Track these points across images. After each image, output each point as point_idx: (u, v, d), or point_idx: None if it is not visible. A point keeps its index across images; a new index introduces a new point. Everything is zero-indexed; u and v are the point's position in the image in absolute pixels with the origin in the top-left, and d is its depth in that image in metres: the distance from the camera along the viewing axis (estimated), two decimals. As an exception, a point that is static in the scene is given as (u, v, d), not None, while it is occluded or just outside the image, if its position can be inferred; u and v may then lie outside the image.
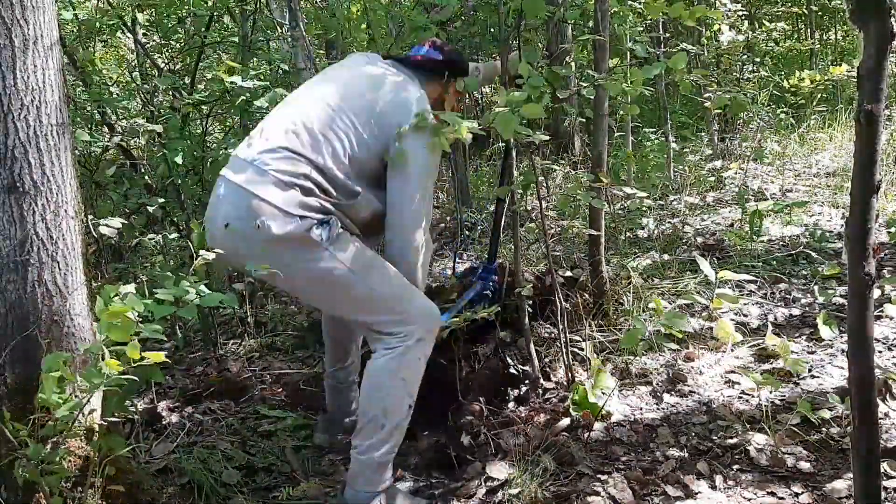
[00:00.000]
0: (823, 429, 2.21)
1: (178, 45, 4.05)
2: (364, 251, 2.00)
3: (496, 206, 2.65)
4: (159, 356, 1.53)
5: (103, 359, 1.52)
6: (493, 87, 2.57)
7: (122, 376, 1.53)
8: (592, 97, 2.75)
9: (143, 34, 4.26)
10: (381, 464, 1.99)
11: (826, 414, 2.26)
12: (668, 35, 5.58)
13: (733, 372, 2.62)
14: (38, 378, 1.58)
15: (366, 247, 2.03)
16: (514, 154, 2.50)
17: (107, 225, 2.50)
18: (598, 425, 2.32)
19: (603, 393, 2.40)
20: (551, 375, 2.62)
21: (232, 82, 2.80)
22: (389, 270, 2.02)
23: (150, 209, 2.94)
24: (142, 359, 1.53)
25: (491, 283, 2.59)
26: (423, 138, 2.00)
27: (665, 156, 5.26)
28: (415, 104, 2.03)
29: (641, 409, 2.46)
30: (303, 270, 1.94)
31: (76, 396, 1.60)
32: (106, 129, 3.34)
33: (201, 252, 1.74)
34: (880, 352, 2.64)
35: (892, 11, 1.17)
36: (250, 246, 1.91)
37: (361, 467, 1.99)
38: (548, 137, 2.09)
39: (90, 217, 2.52)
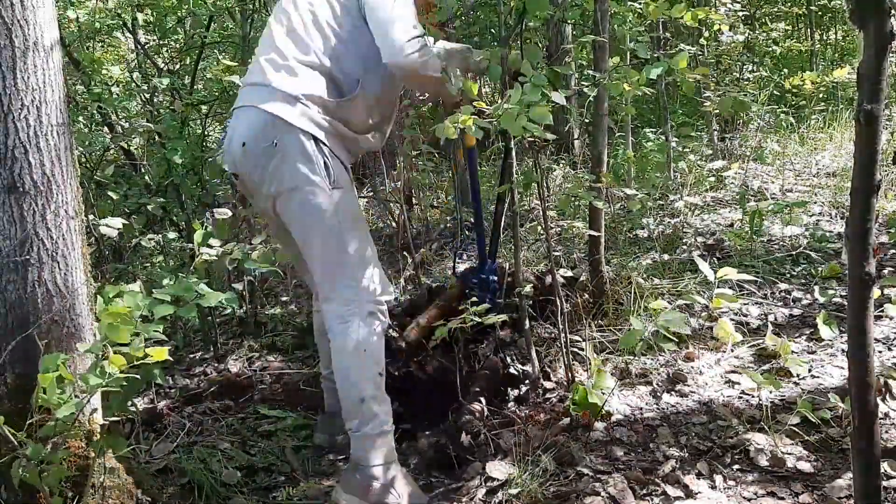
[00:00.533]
0: (823, 429, 2.21)
1: (177, 45, 4.05)
2: (356, 210, 2.14)
3: (496, 205, 2.65)
4: (162, 352, 1.53)
5: (104, 359, 1.52)
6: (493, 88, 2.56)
7: (123, 376, 1.53)
8: (592, 97, 2.75)
9: (143, 34, 4.27)
10: (378, 435, 2.05)
11: (826, 414, 2.26)
12: (668, 35, 5.59)
13: (733, 372, 2.62)
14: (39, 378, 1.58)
15: (359, 209, 2.15)
16: (514, 154, 2.50)
17: (107, 225, 2.50)
18: (598, 425, 2.32)
19: (603, 393, 2.40)
20: (551, 375, 2.62)
21: (231, 82, 2.80)
22: (368, 239, 2.14)
23: (150, 209, 2.94)
24: (144, 357, 1.53)
25: (491, 283, 2.59)
26: None
27: (665, 156, 5.26)
28: None
29: (641, 409, 2.45)
30: (305, 198, 2.04)
31: (76, 396, 1.60)
32: (106, 129, 3.34)
33: (202, 250, 1.75)
34: (880, 352, 2.64)
35: (892, 11, 1.17)
36: (267, 163, 2.04)
37: (359, 444, 2.05)
38: (554, 137, 2.10)
39: (90, 217, 2.52)
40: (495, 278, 2.61)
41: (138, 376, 1.57)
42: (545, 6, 2.29)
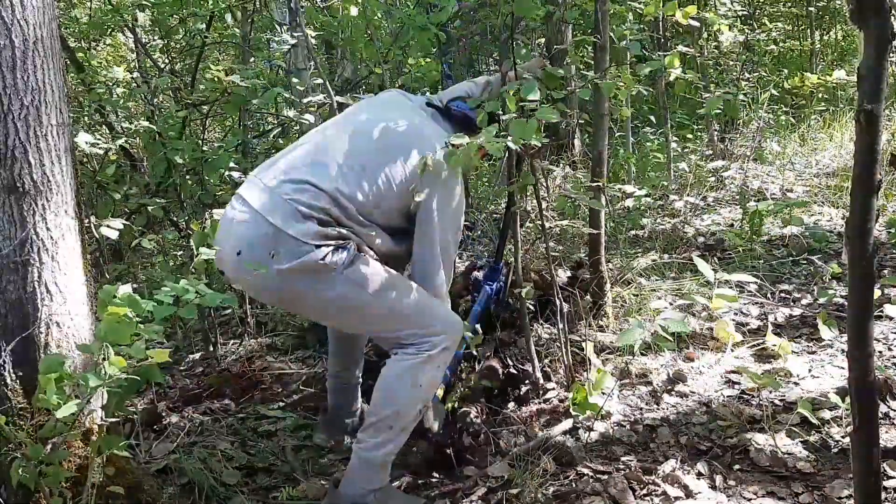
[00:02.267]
0: (823, 429, 2.21)
1: (177, 45, 4.05)
2: (379, 270, 1.96)
3: (507, 206, 2.65)
4: (162, 355, 1.53)
5: (104, 359, 1.52)
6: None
7: (123, 377, 1.53)
8: (592, 98, 2.75)
9: (143, 34, 4.27)
10: (382, 463, 1.99)
11: (826, 414, 2.26)
12: (667, 36, 5.59)
13: (733, 372, 2.62)
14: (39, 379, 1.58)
15: (382, 265, 1.99)
16: (520, 155, 2.49)
17: (108, 226, 2.50)
18: (598, 425, 2.32)
19: (603, 393, 2.40)
20: (551, 375, 2.62)
21: (232, 82, 2.80)
22: (409, 285, 2.00)
23: (150, 209, 2.94)
24: (144, 358, 1.53)
25: (499, 285, 2.59)
26: (443, 186, 1.99)
27: (665, 156, 5.26)
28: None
29: (641, 409, 2.46)
30: (316, 298, 1.93)
31: (76, 397, 1.60)
32: (106, 130, 3.34)
33: (202, 250, 1.74)
34: (880, 352, 2.64)
35: (893, 11, 1.17)
36: (263, 276, 1.88)
37: (362, 463, 1.98)
38: (547, 141, 2.08)
39: (91, 217, 2.52)
40: (502, 279, 2.61)
41: (137, 377, 1.57)
42: (533, 9, 2.29)
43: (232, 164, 2.97)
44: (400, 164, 1.98)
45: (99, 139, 3.02)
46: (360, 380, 2.47)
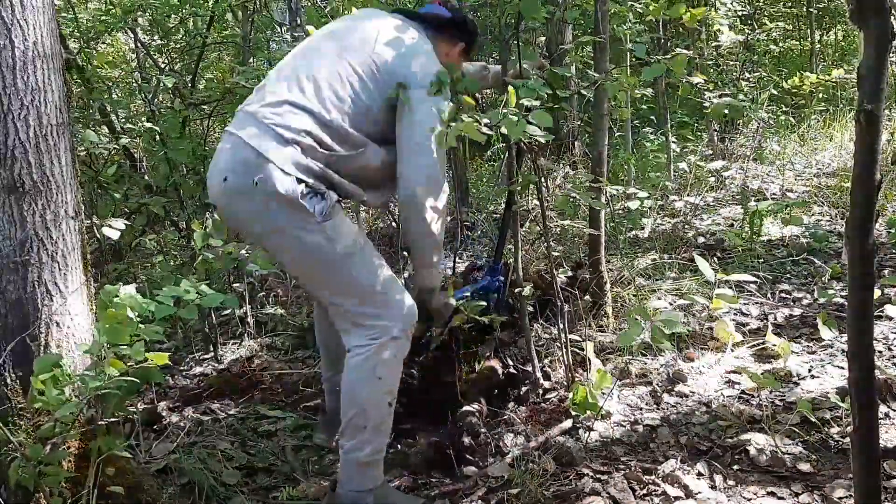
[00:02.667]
0: (823, 429, 2.21)
1: (176, 45, 4.05)
2: (356, 234, 1.98)
3: (507, 205, 2.65)
4: (162, 357, 1.53)
5: (103, 360, 1.52)
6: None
7: (122, 378, 1.53)
8: (592, 98, 2.75)
9: (143, 34, 4.27)
10: (366, 463, 1.97)
11: (826, 414, 2.26)
12: (668, 36, 5.59)
13: (733, 372, 2.62)
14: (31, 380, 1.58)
15: (360, 230, 2.00)
16: (521, 153, 2.49)
17: (110, 226, 2.50)
18: (598, 425, 2.32)
19: (603, 393, 2.40)
20: (551, 375, 2.61)
21: (235, 83, 2.80)
22: (376, 260, 2.00)
23: (153, 209, 2.94)
24: (144, 360, 1.53)
25: (497, 283, 2.59)
26: (429, 89, 1.98)
27: (665, 156, 5.26)
28: (423, 55, 2.02)
29: (641, 409, 2.46)
30: (293, 238, 1.91)
31: (76, 397, 1.60)
32: (106, 129, 3.34)
33: (202, 252, 1.74)
34: (880, 352, 2.64)
35: (893, 11, 1.17)
36: (247, 202, 1.90)
37: (348, 466, 1.98)
38: (552, 137, 2.08)
39: (93, 217, 2.52)
40: (501, 278, 2.61)
41: (136, 379, 1.57)
42: (538, 9, 2.29)
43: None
44: (377, 59, 1.99)
45: (102, 139, 3.03)
46: None
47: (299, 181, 1.86)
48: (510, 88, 2.01)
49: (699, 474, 2.05)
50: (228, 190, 1.91)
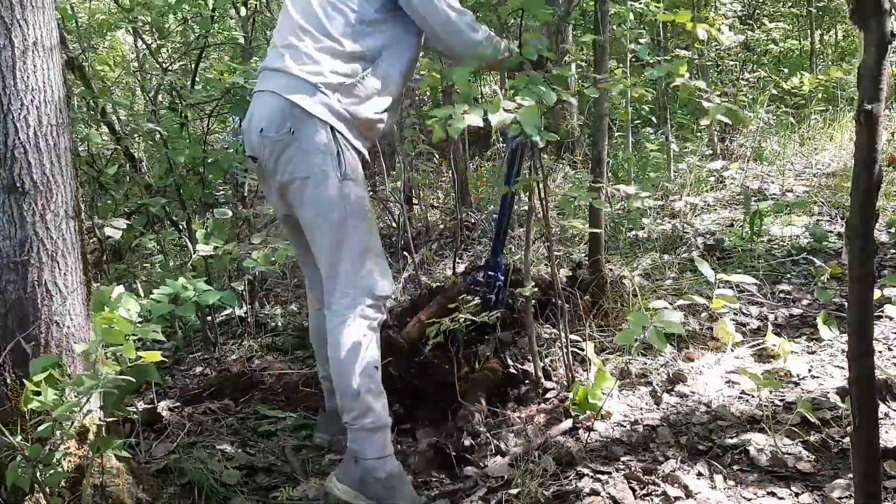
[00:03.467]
0: (823, 429, 2.21)
1: (174, 45, 4.05)
2: (366, 201, 2.13)
3: (507, 202, 2.65)
4: (155, 356, 1.53)
5: (97, 361, 1.52)
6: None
7: (119, 377, 1.53)
8: (592, 99, 2.75)
9: (143, 34, 4.27)
10: (373, 429, 2.05)
11: (826, 414, 2.26)
12: (668, 37, 5.59)
13: (733, 372, 2.62)
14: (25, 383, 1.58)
15: (368, 200, 2.16)
16: (525, 152, 2.49)
17: (111, 226, 2.50)
18: (598, 425, 2.31)
19: (603, 393, 2.40)
20: (551, 375, 2.61)
21: (234, 83, 2.80)
22: (370, 232, 2.14)
23: (153, 210, 2.94)
24: (138, 359, 1.53)
25: (497, 281, 2.59)
26: None
27: (665, 156, 5.26)
28: None
29: (641, 409, 2.45)
30: (315, 187, 2.05)
31: (75, 397, 1.60)
32: (106, 129, 3.34)
33: (199, 247, 1.74)
34: (880, 352, 2.64)
35: (892, 11, 1.17)
36: (283, 149, 2.05)
37: (357, 436, 2.06)
38: (556, 137, 2.08)
39: (94, 218, 2.52)
40: (502, 277, 2.61)
41: (133, 378, 1.57)
42: (542, 7, 2.29)
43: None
44: None
45: (103, 139, 3.03)
46: None
47: (331, 129, 2.03)
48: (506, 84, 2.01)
49: (699, 474, 2.05)
50: (265, 140, 2.06)
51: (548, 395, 2.52)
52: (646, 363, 2.71)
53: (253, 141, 2.12)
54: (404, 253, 3.71)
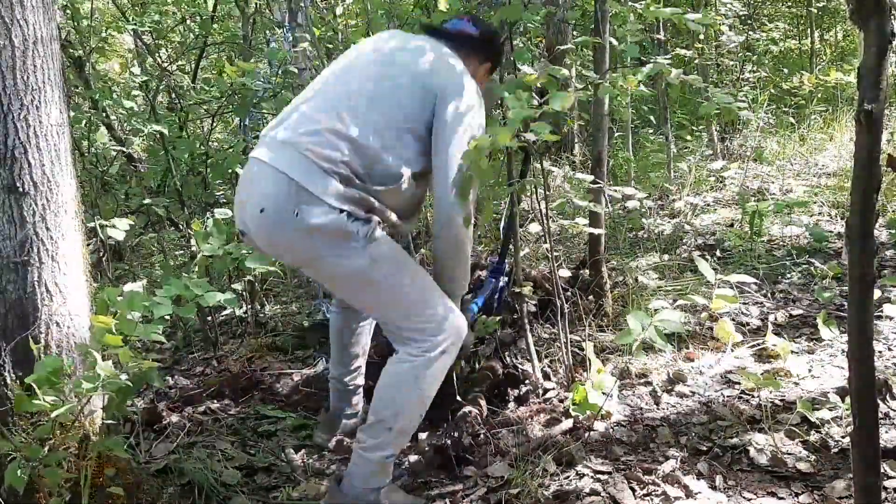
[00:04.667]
0: (823, 429, 2.21)
1: (173, 44, 4.05)
2: (399, 252, 1.98)
3: (512, 206, 2.65)
4: (152, 365, 1.53)
5: (94, 363, 1.52)
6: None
7: (119, 380, 1.53)
8: (592, 99, 2.75)
9: (142, 34, 4.27)
10: (382, 464, 1.98)
11: (826, 414, 2.25)
12: (667, 36, 5.58)
13: (733, 372, 2.62)
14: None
15: (401, 249, 2.00)
16: (529, 157, 2.48)
17: (114, 226, 2.50)
18: (598, 425, 2.31)
19: (603, 393, 2.40)
20: (551, 375, 2.61)
21: (243, 84, 2.80)
22: (423, 275, 2.00)
23: (157, 209, 2.95)
24: (134, 365, 1.53)
25: (501, 285, 2.59)
26: (468, 102, 1.95)
27: (665, 156, 5.26)
28: (459, 72, 1.99)
29: (641, 409, 2.45)
30: (335, 263, 1.89)
31: (74, 398, 1.60)
32: (105, 129, 3.34)
33: (202, 248, 1.75)
34: (880, 352, 2.64)
35: (893, 11, 1.17)
36: (284, 232, 1.87)
37: (363, 463, 1.98)
38: (556, 138, 2.07)
39: (97, 219, 2.52)
40: (505, 279, 2.61)
41: (130, 383, 1.57)
42: (518, 13, 2.29)
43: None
44: (410, 85, 1.95)
45: (104, 139, 3.03)
46: (362, 383, 2.47)
47: (341, 211, 1.85)
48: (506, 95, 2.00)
49: (699, 474, 2.05)
50: (267, 221, 1.87)
51: (548, 395, 2.52)
52: (646, 363, 2.71)
53: (249, 220, 1.94)
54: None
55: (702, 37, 5.52)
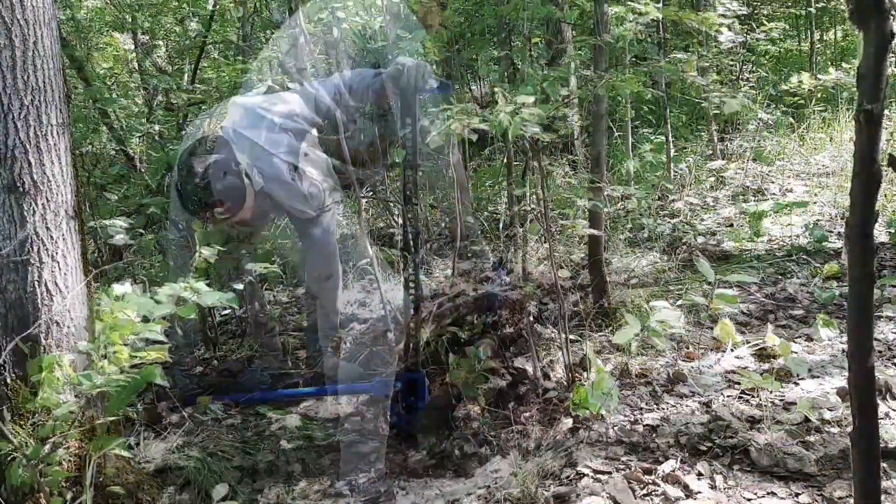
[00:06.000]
0: (823, 429, 2.21)
1: (171, 45, 4.05)
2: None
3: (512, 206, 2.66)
4: (161, 355, 1.53)
5: (96, 362, 1.52)
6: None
7: (121, 378, 1.53)
8: (592, 99, 2.75)
9: (141, 34, 4.27)
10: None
11: (826, 414, 2.25)
12: (667, 36, 5.58)
13: (733, 372, 2.62)
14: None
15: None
16: (527, 155, 2.49)
17: (114, 226, 2.50)
18: (598, 425, 2.31)
19: (603, 393, 2.39)
20: (551, 375, 2.61)
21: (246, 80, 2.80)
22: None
23: (157, 210, 2.95)
24: (134, 364, 1.53)
25: (501, 284, 2.59)
26: None
27: (665, 156, 5.26)
28: None
29: (641, 409, 2.45)
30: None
31: (75, 398, 1.60)
32: (106, 130, 3.34)
33: (203, 250, 1.75)
34: (880, 352, 2.64)
35: (892, 11, 1.17)
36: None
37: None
38: (554, 136, 2.08)
39: (97, 220, 2.52)
40: (507, 279, 2.61)
41: (131, 381, 1.57)
42: (490, 16, 2.31)
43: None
44: None
45: (103, 139, 3.03)
46: None
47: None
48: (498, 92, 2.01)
49: (699, 474, 2.05)
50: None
51: (548, 395, 2.52)
52: (646, 363, 2.71)
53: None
54: (404, 253, 3.70)
55: (702, 36, 5.51)
